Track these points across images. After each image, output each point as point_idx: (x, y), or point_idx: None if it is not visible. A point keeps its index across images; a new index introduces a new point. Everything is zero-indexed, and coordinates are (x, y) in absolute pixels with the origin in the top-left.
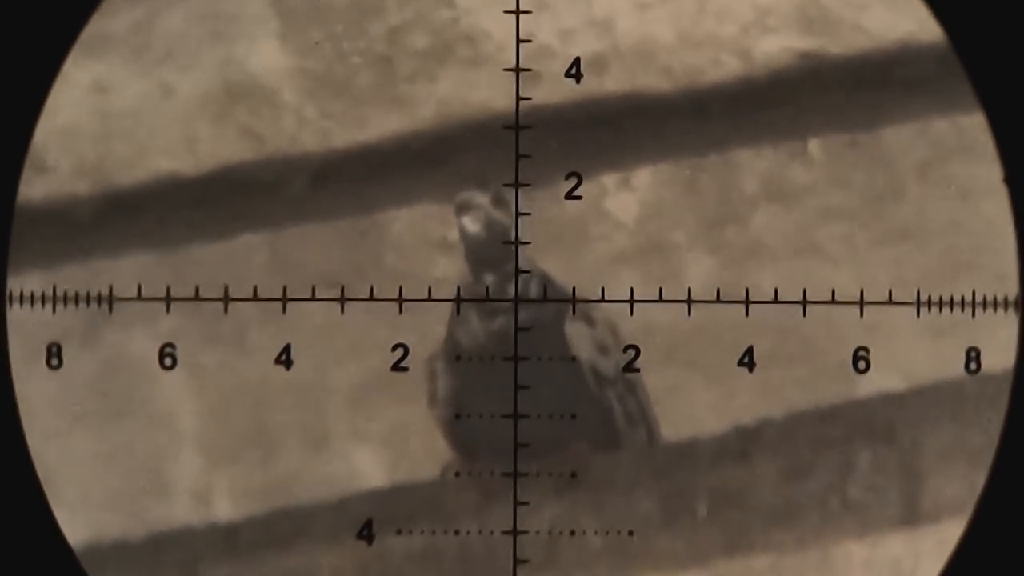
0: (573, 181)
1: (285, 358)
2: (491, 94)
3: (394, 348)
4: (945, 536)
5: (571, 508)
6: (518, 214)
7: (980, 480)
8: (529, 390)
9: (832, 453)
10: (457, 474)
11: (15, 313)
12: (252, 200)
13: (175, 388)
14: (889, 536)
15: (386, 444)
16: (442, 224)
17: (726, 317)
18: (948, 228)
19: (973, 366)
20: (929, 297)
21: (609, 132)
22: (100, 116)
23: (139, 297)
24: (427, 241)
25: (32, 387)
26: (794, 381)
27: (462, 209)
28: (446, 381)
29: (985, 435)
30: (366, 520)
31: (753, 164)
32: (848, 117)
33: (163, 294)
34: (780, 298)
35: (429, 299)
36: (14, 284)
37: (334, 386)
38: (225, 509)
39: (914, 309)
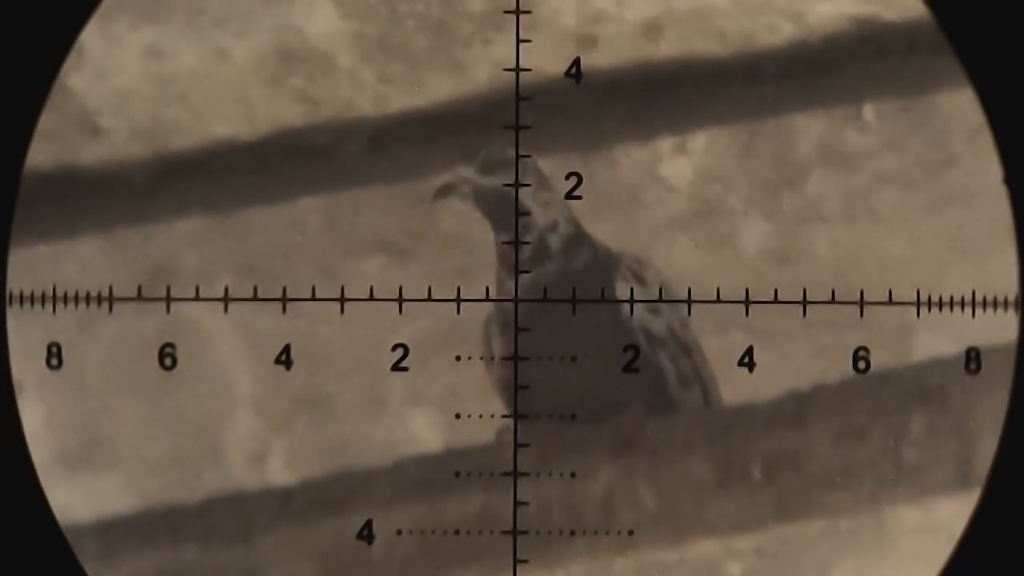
0: (573, 181)
1: (285, 358)
2: (547, 58)
3: (394, 348)
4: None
5: (626, 471)
6: (518, 214)
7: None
8: (577, 356)
9: (886, 417)
10: (457, 474)
11: (15, 313)
12: (308, 164)
13: (230, 351)
14: (943, 500)
15: (442, 408)
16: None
17: (779, 281)
18: (1000, 193)
19: (973, 366)
20: (929, 297)
21: (664, 97)
22: (155, 80)
23: (139, 297)
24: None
25: (32, 387)
26: (847, 347)
27: (442, 193)
28: (501, 341)
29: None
30: (366, 521)
31: (808, 129)
32: (902, 82)
33: (220, 262)
34: (836, 263)
35: (429, 299)
36: (66, 250)
37: (388, 353)
38: (280, 473)
39: (923, 308)
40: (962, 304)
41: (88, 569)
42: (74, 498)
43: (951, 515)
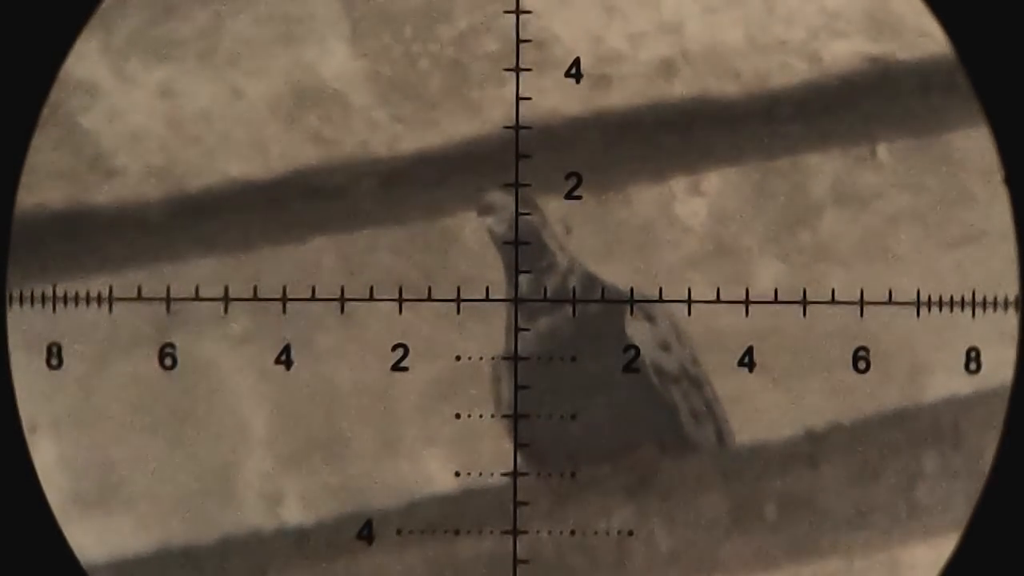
0: (573, 181)
1: (285, 358)
2: (560, 99)
3: (394, 348)
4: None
5: (640, 511)
6: (518, 214)
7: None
8: (589, 393)
9: (900, 457)
10: (457, 474)
11: (15, 313)
12: (322, 204)
13: (245, 392)
14: (956, 539)
15: (455, 449)
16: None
17: (789, 321)
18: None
19: (973, 366)
20: (929, 297)
21: (678, 136)
22: (169, 120)
23: (139, 297)
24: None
25: (32, 387)
26: (862, 385)
27: (485, 211)
28: (509, 385)
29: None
30: (366, 521)
31: (822, 168)
32: (916, 121)
33: (234, 301)
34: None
35: (429, 299)
36: (78, 288)
37: (402, 392)
38: (295, 513)
39: (923, 308)
40: (962, 304)
41: None
42: (89, 538)
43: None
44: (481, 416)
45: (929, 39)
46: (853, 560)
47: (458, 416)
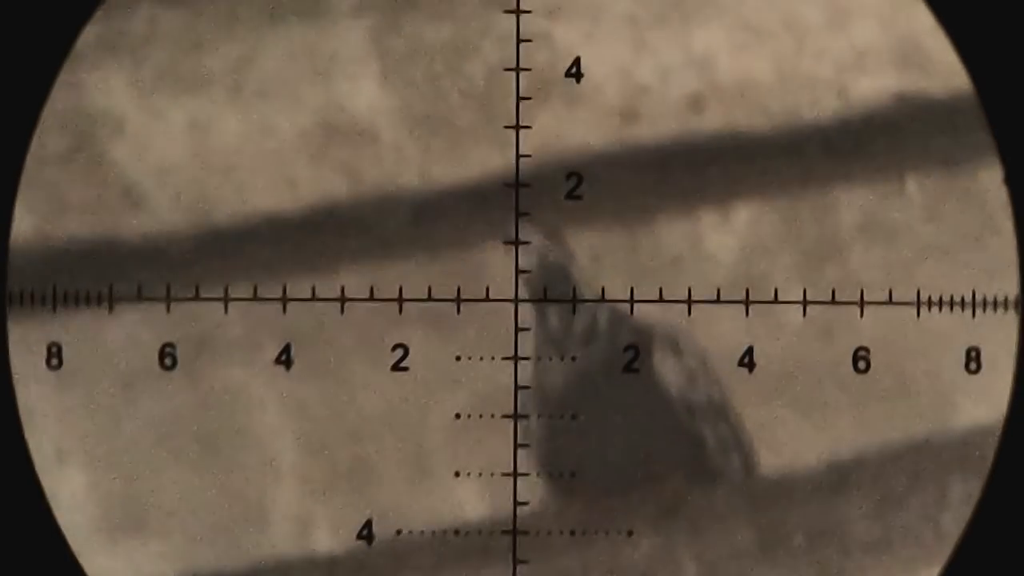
0: (574, 181)
1: (285, 358)
2: (591, 132)
3: (394, 348)
4: None
5: (667, 541)
6: (518, 214)
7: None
8: (619, 428)
9: (926, 485)
10: (457, 474)
11: (15, 313)
12: (352, 238)
13: (273, 419)
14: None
15: (485, 476)
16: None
17: (816, 348)
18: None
19: (973, 366)
20: (929, 297)
21: (707, 170)
22: (197, 154)
23: (139, 297)
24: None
25: (32, 387)
26: (888, 413)
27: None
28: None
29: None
30: (366, 520)
31: (851, 202)
32: (945, 156)
33: (262, 335)
34: (879, 335)
35: (429, 299)
36: (108, 323)
37: (432, 419)
38: (325, 541)
39: (923, 308)
40: (962, 304)
41: None
42: (116, 567)
43: None
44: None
45: (957, 75)
46: None
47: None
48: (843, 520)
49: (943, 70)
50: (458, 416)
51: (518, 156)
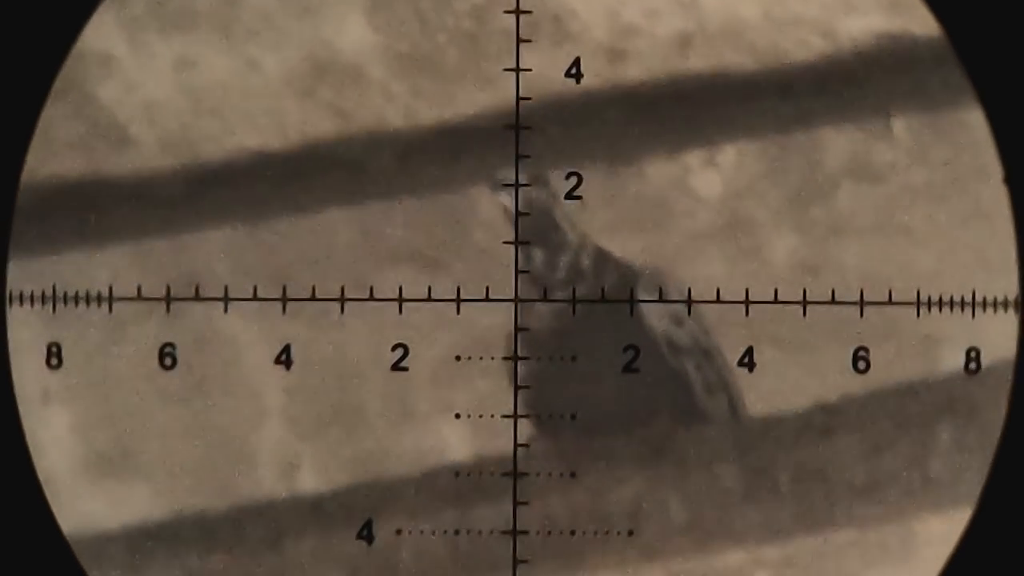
0: (573, 181)
1: (285, 358)
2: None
3: (394, 348)
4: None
5: (653, 481)
6: (518, 214)
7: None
8: (601, 369)
9: (914, 429)
10: (457, 474)
11: (15, 313)
12: (339, 176)
13: (261, 363)
14: (970, 511)
15: (471, 418)
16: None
17: (808, 293)
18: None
19: (973, 366)
20: (929, 297)
21: (694, 110)
22: (186, 92)
23: (139, 297)
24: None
25: (32, 387)
26: (877, 358)
27: (497, 187)
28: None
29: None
30: (366, 520)
31: (837, 143)
32: (931, 97)
33: (250, 272)
34: (866, 276)
35: (429, 299)
36: (95, 261)
37: (418, 364)
38: (310, 481)
39: (923, 308)
40: (962, 304)
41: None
42: (101, 506)
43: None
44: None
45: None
46: (866, 531)
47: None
48: (829, 463)
49: (930, 10)
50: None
51: (518, 157)
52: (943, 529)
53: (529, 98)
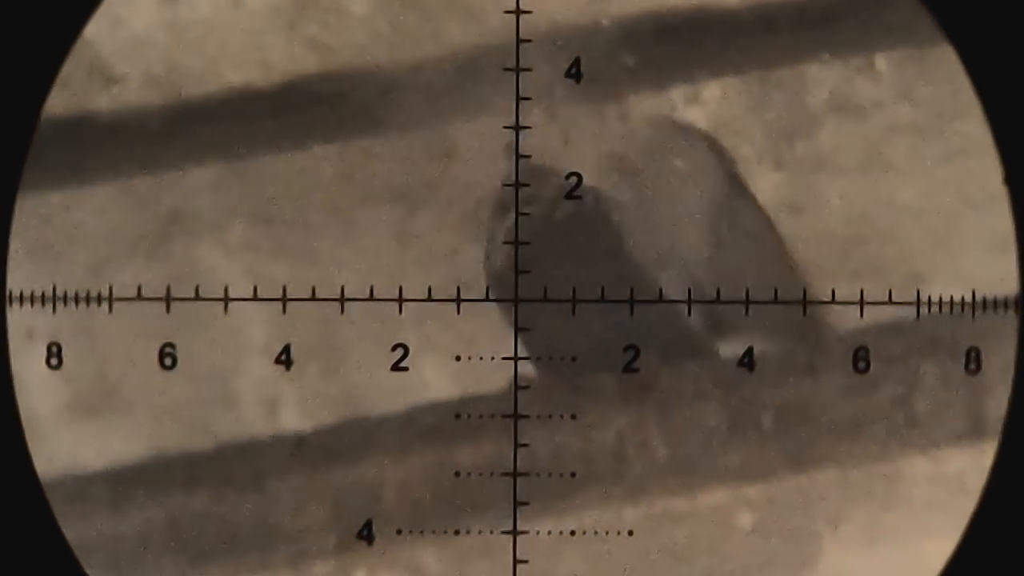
0: (573, 181)
1: (285, 358)
2: (559, 8)
3: (394, 348)
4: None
5: (637, 419)
6: (518, 214)
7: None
8: (586, 306)
9: (898, 367)
10: (457, 474)
11: (15, 313)
12: (322, 112)
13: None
14: (954, 450)
15: (454, 356)
16: (511, 136)
17: (791, 230)
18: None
19: (973, 366)
20: (929, 297)
21: (677, 47)
22: (169, 27)
23: (139, 297)
24: (496, 154)
25: (32, 387)
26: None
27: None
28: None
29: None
30: (366, 521)
31: (821, 79)
32: (914, 32)
33: (233, 210)
34: (848, 212)
35: (429, 299)
36: (83, 196)
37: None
38: (293, 420)
39: (923, 305)
40: (962, 304)
41: (100, 517)
42: (84, 446)
43: (963, 465)
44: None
45: None
46: (849, 470)
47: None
48: (813, 401)
49: None
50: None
51: (518, 156)
52: (928, 469)
53: (529, 98)
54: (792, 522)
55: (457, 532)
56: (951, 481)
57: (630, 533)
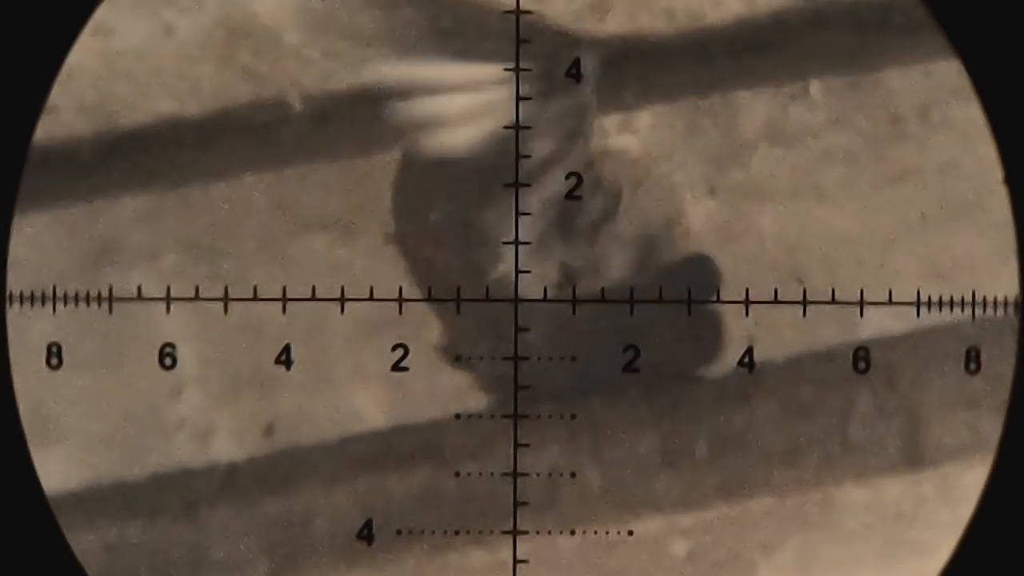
0: (573, 181)
1: (285, 358)
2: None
3: (394, 348)
4: (946, 482)
5: (570, 450)
6: (518, 214)
7: (983, 426)
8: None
9: (833, 395)
10: (457, 474)
11: (15, 313)
12: (254, 141)
13: (176, 327)
14: (889, 479)
15: (387, 385)
16: None
17: (723, 258)
18: (947, 168)
19: (973, 366)
20: (929, 297)
21: (610, 74)
22: (102, 57)
23: (139, 297)
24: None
25: (32, 387)
26: (794, 323)
27: None
28: None
29: (986, 381)
30: (366, 521)
31: (754, 106)
32: (849, 59)
33: (165, 238)
34: (781, 240)
35: (429, 299)
36: (21, 225)
37: (335, 328)
38: (225, 449)
39: (923, 308)
40: (962, 304)
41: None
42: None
43: (897, 494)
44: None
45: None
46: (785, 498)
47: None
48: (748, 429)
49: None
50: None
51: (518, 156)
52: (863, 497)
53: (529, 98)
54: (727, 550)
55: (457, 532)
56: (886, 509)
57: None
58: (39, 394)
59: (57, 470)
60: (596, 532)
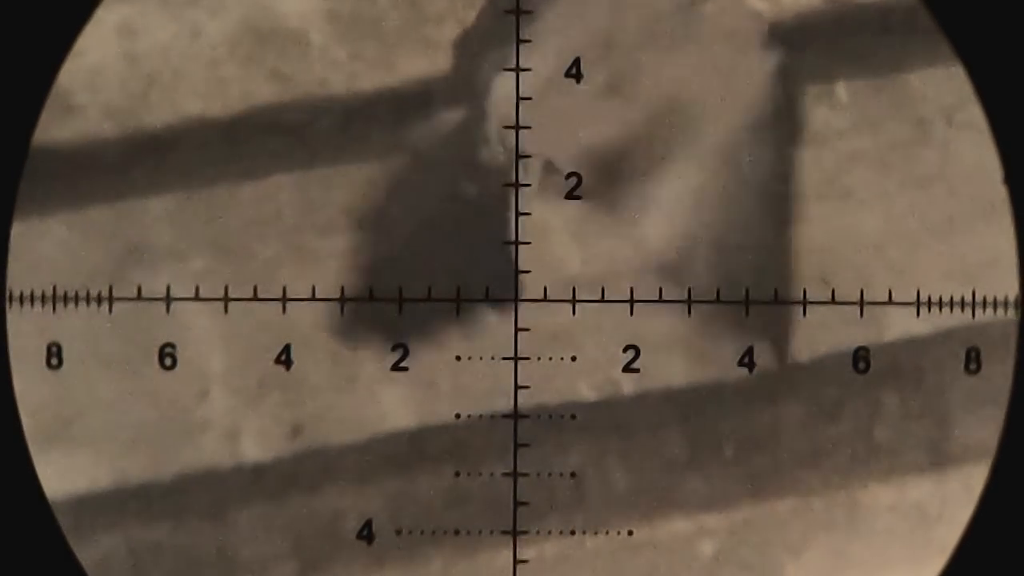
0: (573, 181)
1: (285, 358)
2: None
3: (394, 348)
4: (971, 481)
5: (597, 449)
6: (518, 214)
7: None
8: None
9: (859, 396)
10: (457, 474)
11: (15, 313)
12: (280, 142)
13: (203, 329)
14: (915, 480)
15: (414, 385)
16: None
17: None
18: (975, 171)
19: (973, 366)
20: (929, 297)
21: None
22: (128, 58)
23: (139, 297)
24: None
25: (32, 387)
26: (819, 324)
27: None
28: None
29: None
30: (366, 520)
31: None
32: (875, 61)
33: (187, 237)
34: (806, 241)
35: (429, 299)
36: (39, 228)
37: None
38: (253, 450)
39: (923, 308)
40: (962, 304)
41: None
42: (46, 474)
43: (924, 495)
44: None
45: None
46: (811, 498)
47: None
48: (775, 430)
49: None
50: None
51: (518, 157)
52: (890, 497)
53: (530, 98)
54: (754, 551)
55: (457, 532)
56: (911, 510)
57: (630, 533)
58: (39, 395)
59: (57, 471)
60: (607, 533)
